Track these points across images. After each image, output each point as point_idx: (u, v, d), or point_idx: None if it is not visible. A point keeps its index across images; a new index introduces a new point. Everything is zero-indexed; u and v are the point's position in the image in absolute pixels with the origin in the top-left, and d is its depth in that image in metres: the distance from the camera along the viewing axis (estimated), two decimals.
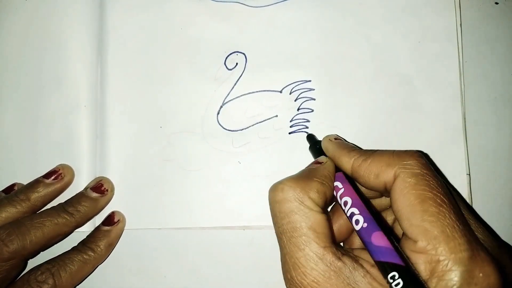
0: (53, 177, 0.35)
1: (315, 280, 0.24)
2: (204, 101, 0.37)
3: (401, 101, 0.37)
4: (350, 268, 0.24)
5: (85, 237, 0.35)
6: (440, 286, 0.22)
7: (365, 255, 0.25)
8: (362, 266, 0.24)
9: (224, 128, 0.37)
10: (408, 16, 0.37)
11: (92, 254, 0.34)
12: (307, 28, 0.37)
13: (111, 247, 0.35)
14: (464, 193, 0.36)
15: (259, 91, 0.37)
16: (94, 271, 0.35)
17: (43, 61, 0.38)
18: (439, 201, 0.23)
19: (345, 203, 0.26)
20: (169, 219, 0.36)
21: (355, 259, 0.25)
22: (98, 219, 0.36)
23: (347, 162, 0.28)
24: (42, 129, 0.37)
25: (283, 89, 0.37)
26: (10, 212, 0.33)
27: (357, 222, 0.25)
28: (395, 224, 0.30)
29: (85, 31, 0.38)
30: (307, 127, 0.37)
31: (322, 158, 0.30)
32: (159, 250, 0.37)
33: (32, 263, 0.33)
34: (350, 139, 0.36)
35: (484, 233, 0.26)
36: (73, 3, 0.38)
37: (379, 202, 0.31)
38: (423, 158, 0.26)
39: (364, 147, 0.34)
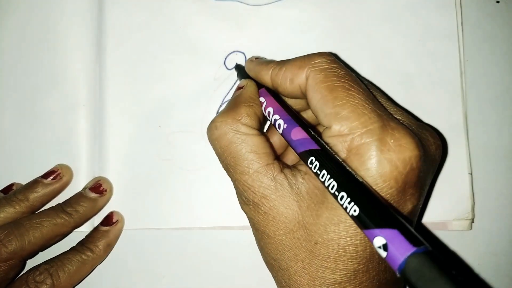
0: (51, 177, 0.35)
1: (264, 195, 0.26)
2: (204, 101, 0.37)
3: (402, 100, 0.36)
4: (291, 176, 0.26)
5: (83, 237, 0.35)
6: (356, 160, 0.23)
7: (301, 162, 0.26)
8: (299, 170, 0.26)
9: None
10: (409, 15, 0.37)
11: (91, 254, 0.33)
12: (307, 26, 0.37)
13: (109, 247, 0.35)
14: (466, 193, 0.35)
15: None
16: (93, 271, 0.35)
17: (42, 60, 0.38)
18: (347, 86, 0.25)
19: (269, 114, 0.28)
20: (168, 219, 0.36)
21: (294, 167, 0.27)
22: (97, 219, 0.36)
23: (266, 74, 0.29)
24: (41, 128, 0.37)
25: None
26: (8, 212, 0.33)
27: (279, 126, 0.27)
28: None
29: (84, 30, 0.38)
30: None
31: (242, 82, 0.31)
32: (158, 250, 0.36)
33: (30, 264, 0.33)
34: None
35: (403, 115, 0.27)
36: (72, 2, 0.38)
37: (301, 105, 0.32)
38: (331, 55, 0.27)
39: None
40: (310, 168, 0.24)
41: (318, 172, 0.23)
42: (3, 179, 0.36)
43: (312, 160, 0.24)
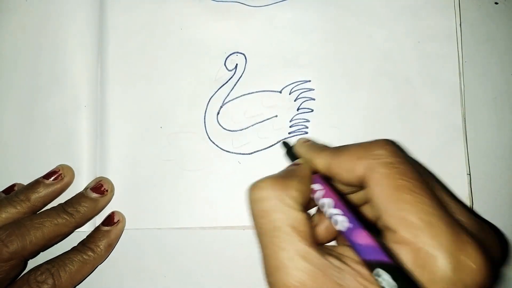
0: (53, 178, 0.35)
1: (301, 281, 0.22)
2: (204, 101, 0.37)
3: (401, 101, 0.36)
4: (336, 266, 0.23)
5: (85, 237, 0.35)
6: (425, 275, 0.21)
7: (348, 253, 0.24)
8: (347, 264, 0.23)
9: (224, 128, 0.37)
10: (408, 16, 0.37)
11: (92, 254, 0.34)
12: (307, 28, 0.37)
13: (111, 247, 0.35)
14: (465, 193, 0.36)
15: (259, 91, 0.37)
16: (94, 271, 0.35)
17: (43, 61, 0.38)
18: (413, 187, 0.23)
19: (324, 205, 0.26)
20: (169, 219, 0.36)
21: (340, 257, 0.23)
22: (98, 219, 0.36)
23: (320, 162, 0.28)
24: (42, 129, 0.37)
25: (282, 89, 0.37)
26: (10, 213, 0.33)
27: (338, 222, 0.24)
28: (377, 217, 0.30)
29: (85, 31, 0.38)
30: (306, 127, 0.37)
31: (299, 160, 0.30)
32: (159, 250, 0.36)
33: (32, 263, 0.33)
34: (350, 139, 0.36)
35: (465, 215, 0.25)
36: (73, 3, 0.38)
37: (358, 196, 0.30)
38: (392, 145, 0.25)
39: None
40: (378, 280, 0.21)
41: None
42: (5, 179, 0.36)
43: (379, 272, 0.21)
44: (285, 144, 0.35)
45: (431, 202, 0.22)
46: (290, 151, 0.33)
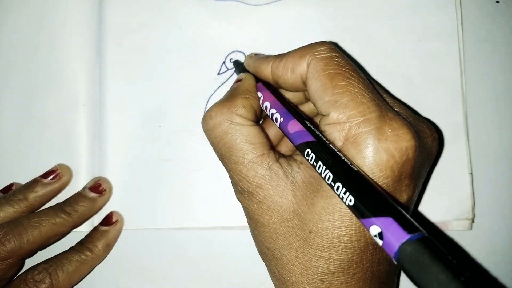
0: (51, 177, 0.35)
1: (258, 184, 0.26)
2: (204, 100, 0.37)
3: (402, 99, 0.36)
4: (286, 165, 0.26)
5: (83, 237, 0.35)
6: (353, 148, 0.23)
7: (297, 152, 0.26)
8: (295, 160, 0.26)
9: None
10: (409, 15, 0.37)
11: (90, 254, 0.33)
12: (307, 26, 0.37)
13: (109, 247, 0.35)
14: (467, 192, 0.35)
15: None
16: (92, 271, 0.34)
17: (41, 59, 0.38)
18: (347, 75, 0.25)
19: (266, 108, 0.28)
20: (168, 219, 0.36)
21: (290, 157, 0.27)
22: (96, 219, 0.36)
23: (266, 68, 0.29)
24: (40, 128, 0.37)
25: None
26: (7, 212, 0.33)
27: (276, 120, 0.27)
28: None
29: (84, 29, 0.38)
30: None
31: (241, 75, 0.31)
32: (158, 250, 0.36)
33: (29, 263, 0.33)
34: None
35: (401, 107, 0.27)
36: (72, 1, 0.38)
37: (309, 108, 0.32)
38: (332, 44, 0.27)
39: None
40: (307, 160, 0.24)
41: (315, 164, 0.23)
42: (3, 179, 0.36)
43: (308, 152, 0.24)
44: (236, 62, 0.36)
45: (363, 86, 0.25)
46: (240, 68, 0.34)
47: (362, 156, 0.23)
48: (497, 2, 0.38)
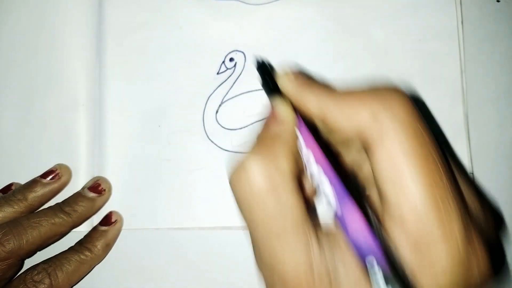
0: (50, 177, 0.35)
1: (298, 276, 0.20)
2: (203, 100, 0.37)
3: None
4: (328, 254, 0.21)
5: (82, 237, 0.35)
6: (424, 261, 0.19)
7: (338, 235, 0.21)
8: (338, 246, 0.21)
9: (223, 127, 0.37)
10: (409, 14, 0.37)
11: (89, 254, 0.33)
12: (307, 26, 0.37)
13: (108, 247, 0.35)
14: None
15: (258, 89, 0.37)
16: (92, 271, 0.34)
17: (41, 59, 0.38)
18: (431, 159, 0.19)
19: (308, 162, 0.22)
20: (167, 219, 0.36)
21: (333, 242, 0.21)
22: (95, 219, 0.36)
23: (314, 105, 0.22)
24: (40, 128, 0.37)
25: None
26: (7, 212, 0.33)
27: (325, 193, 0.21)
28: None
29: (84, 29, 0.38)
30: None
31: (281, 110, 0.23)
32: (157, 250, 0.36)
33: (28, 263, 0.33)
34: None
35: (470, 196, 0.22)
36: (72, 1, 0.38)
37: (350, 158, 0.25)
38: (406, 97, 0.20)
39: None
40: (367, 271, 0.19)
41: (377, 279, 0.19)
42: (2, 179, 0.36)
43: (372, 261, 0.19)
44: (263, 67, 0.27)
45: (444, 187, 0.19)
46: (270, 83, 0.25)
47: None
48: (498, 1, 0.38)
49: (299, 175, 0.23)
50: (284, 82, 0.24)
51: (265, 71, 0.26)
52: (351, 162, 0.25)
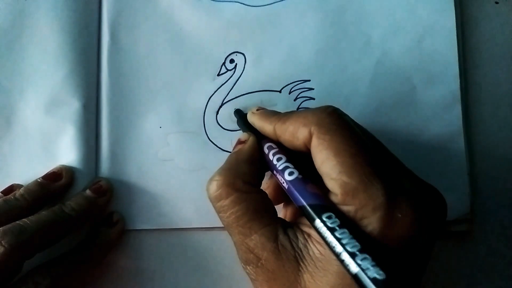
0: (52, 178, 0.35)
1: (266, 258, 0.25)
2: (203, 101, 0.37)
3: (401, 100, 0.36)
4: (294, 238, 0.25)
5: (83, 238, 0.35)
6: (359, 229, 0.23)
7: (302, 222, 0.26)
8: (302, 231, 0.25)
9: (224, 128, 0.37)
10: (408, 15, 0.37)
11: (90, 254, 0.33)
12: (306, 27, 0.37)
13: (110, 247, 0.35)
14: (465, 193, 0.35)
15: (258, 90, 0.37)
16: (93, 271, 0.35)
17: (39, 59, 0.37)
18: (354, 151, 0.24)
19: (278, 159, 0.28)
20: (168, 219, 0.36)
21: (296, 227, 0.26)
22: (97, 220, 0.36)
23: (270, 128, 0.29)
24: (40, 128, 0.37)
25: (282, 88, 0.37)
26: (7, 213, 0.33)
27: (291, 173, 0.26)
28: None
29: (84, 31, 0.37)
30: None
31: (244, 136, 0.31)
32: (158, 250, 0.36)
33: (28, 264, 0.33)
34: None
35: (410, 177, 0.26)
36: (72, 1, 0.38)
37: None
38: (336, 111, 0.26)
39: None
40: (324, 222, 0.23)
41: (337, 228, 0.23)
42: (3, 180, 0.36)
43: (331, 216, 0.23)
44: (239, 113, 0.35)
45: (371, 164, 0.24)
46: (242, 120, 0.33)
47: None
48: (496, 3, 0.39)
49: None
50: (250, 118, 0.32)
51: (240, 113, 0.35)
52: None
